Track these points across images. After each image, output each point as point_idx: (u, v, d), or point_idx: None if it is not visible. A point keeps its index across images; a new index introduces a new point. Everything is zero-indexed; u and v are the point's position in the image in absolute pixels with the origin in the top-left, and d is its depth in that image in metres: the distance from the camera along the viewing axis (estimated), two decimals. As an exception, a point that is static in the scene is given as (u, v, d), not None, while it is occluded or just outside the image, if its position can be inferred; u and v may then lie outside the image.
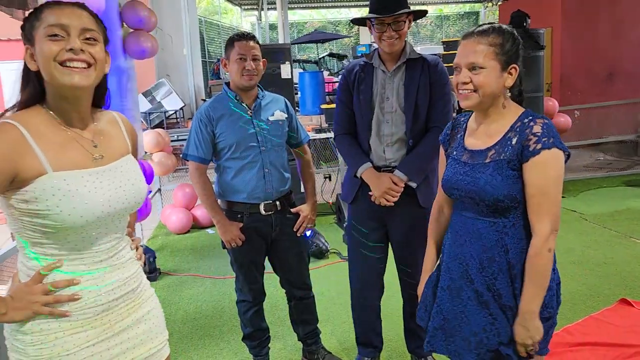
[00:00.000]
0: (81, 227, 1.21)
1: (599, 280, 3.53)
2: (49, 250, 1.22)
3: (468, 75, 1.50)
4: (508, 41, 1.51)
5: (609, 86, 8.97)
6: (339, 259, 4.25)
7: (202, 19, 15.35)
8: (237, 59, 2.25)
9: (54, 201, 1.16)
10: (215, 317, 3.34)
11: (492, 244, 1.53)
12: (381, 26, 2.16)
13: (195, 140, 2.31)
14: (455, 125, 1.73)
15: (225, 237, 2.33)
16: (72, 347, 1.24)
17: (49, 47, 1.16)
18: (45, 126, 1.20)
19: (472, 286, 1.57)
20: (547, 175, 1.44)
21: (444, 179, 1.65)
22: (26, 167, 1.14)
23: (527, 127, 1.48)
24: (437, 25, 24.34)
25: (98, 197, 1.22)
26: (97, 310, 1.27)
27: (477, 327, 1.56)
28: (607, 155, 7.88)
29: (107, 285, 1.28)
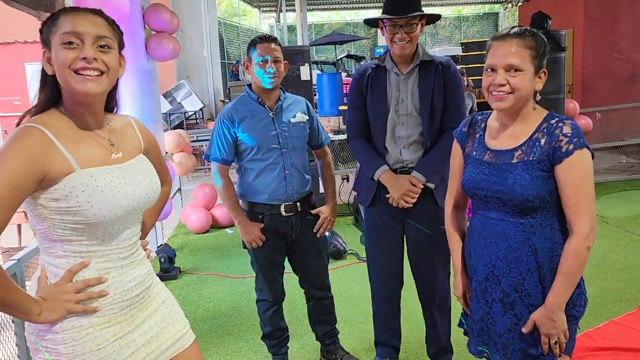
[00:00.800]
0: (110, 222, 1.26)
1: (621, 284, 3.48)
2: (77, 247, 1.26)
3: (505, 77, 1.49)
4: (541, 45, 1.52)
5: (631, 88, 8.83)
6: (357, 259, 4.27)
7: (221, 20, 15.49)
8: (259, 60, 2.28)
9: (85, 197, 1.20)
10: (235, 315, 3.38)
11: (519, 244, 1.53)
12: (393, 28, 2.16)
13: (217, 142, 2.35)
14: (473, 123, 1.72)
15: (246, 237, 2.36)
16: (102, 341, 1.28)
17: (64, 54, 1.20)
18: (65, 127, 1.25)
19: (499, 287, 1.57)
20: (582, 174, 1.46)
21: (465, 179, 1.64)
22: (55, 166, 1.18)
23: (557, 127, 1.49)
24: (455, 27, 24.17)
25: (124, 192, 1.28)
26: (123, 305, 1.32)
27: (502, 327, 1.58)
28: (629, 158, 7.76)
29: (130, 281, 1.34)
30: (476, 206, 1.67)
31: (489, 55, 1.55)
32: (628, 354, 2.58)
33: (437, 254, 2.38)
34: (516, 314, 1.56)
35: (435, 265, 2.39)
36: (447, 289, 2.45)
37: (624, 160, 7.72)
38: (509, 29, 1.55)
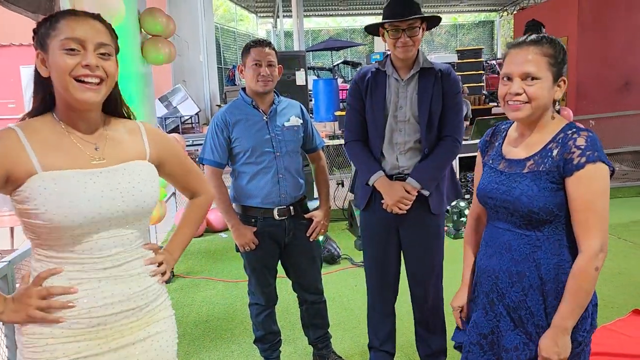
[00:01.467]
0: (69, 228, 1.19)
1: (613, 290, 3.50)
2: (47, 251, 1.23)
3: (521, 85, 1.43)
4: (560, 52, 1.45)
5: (624, 96, 8.90)
6: (351, 264, 4.27)
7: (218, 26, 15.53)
8: (253, 64, 2.29)
9: (41, 200, 1.17)
10: (227, 319, 3.38)
11: (522, 257, 1.48)
12: (396, 32, 2.17)
13: (211, 145, 2.35)
14: (496, 132, 1.68)
15: (239, 241, 2.37)
16: (60, 355, 1.22)
17: (65, 60, 1.17)
18: (49, 132, 1.23)
19: (504, 301, 1.52)
20: (593, 190, 1.38)
21: (479, 187, 1.60)
22: (18, 167, 1.18)
23: (570, 139, 1.41)
24: (451, 34, 24.32)
25: (87, 198, 1.20)
26: (91, 322, 1.23)
27: (509, 343, 1.51)
28: (622, 166, 7.81)
29: (107, 297, 1.24)
30: (488, 216, 1.63)
31: (505, 63, 1.49)
32: (619, 359, 2.59)
33: (431, 260, 2.39)
34: (526, 331, 1.49)
35: (428, 271, 2.40)
36: (441, 295, 2.46)
37: (618, 168, 7.77)
38: (526, 36, 1.48)
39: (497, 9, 22.43)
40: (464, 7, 21.90)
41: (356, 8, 20.53)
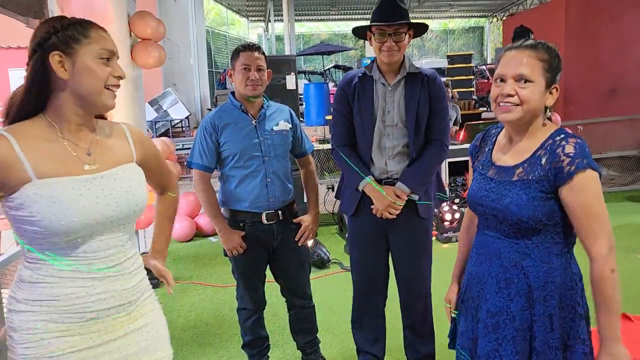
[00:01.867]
0: (65, 234, 1.22)
1: (600, 295, 3.52)
2: (40, 255, 1.26)
3: (514, 87, 1.42)
4: (555, 59, 1.45)
5: (611, 102, 9.00)
6: (340, 269, 4.27)
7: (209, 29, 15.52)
8: (242, 69, 2.30)
9: (36, 208, 1.19)
10: (216, 325, 3.36)
11: (511, 264, 1.48)
12: (381, 36, 2.18)
13: (199, 149, 2.35)
14: (485, 137, 1.67)
15: (227, 245, 2.36)
16: (55, 349, 1.25)
17: (102, 69, 1.26)
18: (41, 136, 1.24)
19: (486, 306, 1.53)
20: (588, 196, 1.38)
21: (469, 194, 1.61)
22: (12, 176, 1.19)
23: (559, 146, 1.41)
24: (442, 39, 24.49)
25: (82, 204, 1.24)
26: (85, 317, 1.27)
27: (481, 350, 1.52)
28: (610, 171, 7.89)
29: (100, 293, 1.28)
30: (479, 222, 1.63)
31: (499, 65, 1.47)
32: (605, 363, 2.60)
33: (420, 264, 2.40)
34: (497, 337, 1.49)
35: (417, 275, 2.41)
36: (429, 300, 2.47)
37: (605, 173, 7.85)
38: (522, 40, 1.48)
39: (486, 15, 22.63)
40: (454, 13, 22.07)
41: (347, 13, 20.62)
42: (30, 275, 1.26)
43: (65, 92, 1.25)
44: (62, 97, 1.25)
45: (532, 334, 1.45)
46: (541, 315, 1.44)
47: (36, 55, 1.24)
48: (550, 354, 1.43)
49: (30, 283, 1.26)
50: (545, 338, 1.44)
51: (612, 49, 9.03)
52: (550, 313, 1.44)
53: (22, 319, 1.25)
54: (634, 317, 3.07)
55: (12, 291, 1.28)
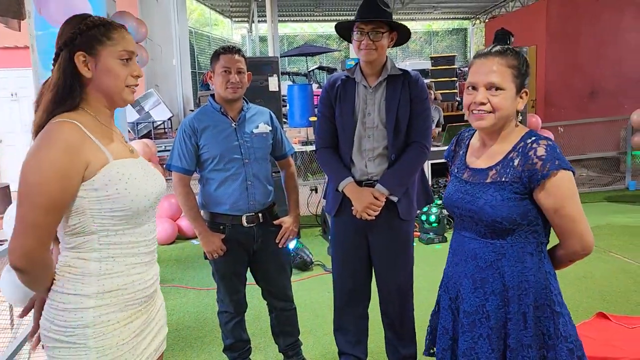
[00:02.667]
0: (143, 210, 1.36)
1: (578, 294, 3.58)
2: (112, 238, 1.33)
3: (486, 95, 1.46)
4: (523, 65, 1.49)
5: (591, 103, 9.16)
6: (323, 271, 4.27)
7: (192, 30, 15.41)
8: (222, 71, 2.28)
9: (122, 185, 1.31)
10: (197, 328, 3.34)
11: (487, 264, 1.50)
12: (360, 35, 2.20)
13: (179, 151, 2.33)
14: (459, 140, 1.71)
15: (207, 248, 2.34)
16: (125, 336, 1.34)
17: (122, 70, 1.35)
18: (93, 124, 1.34)
19: (463, 306, 1.55)
20: (560, 196, 1.42)
21: (446, 196, 1.64)
22: (94, 157, 1.28)
23: (530, 149, 1.44)
24: (426, 41, 24.65)
25: (149, 182, 1.39)
26: (142, 301, 1.39)
27: (460, 349, 1.55)
28: (589, 172, 8.01)
29: (150, 278, 1.42)
30: (455, 225, 1.66)
31: (470, 73, 1.51)
32: (583, 362, 2.64)
33: (400, 265, 2.40)
34: (473, 336, 1.52)
35: (397, 276, 2.41)
36: (410, 301, 2.48)
37: (585, 174, 7.98)
38: (491, 47, 1.52)
39: (469, 17, 22.82)
40: (437, 15, 22.22)
41: (331, 14, 20.62)
42: (99, 268, 1.31)
43: (92, 89, 1.35)
44: (92, 93, 1.36)
45: (507, 332, 1.48)
46: (515, 314, 1.47)
47: (63, 53, 1.33)
48: (523, 351, 1.46)
49: (99, 276, 1.31)
50: (518, 336, 1.47)
51: (591, 51, 9.19)
52: (524, 311, 1.47)
53: (97, 314, 1.30)
54: (611, 316, 3.12)
55: (73, 289, 1.30)
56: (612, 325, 3.04)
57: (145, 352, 1.40)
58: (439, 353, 1.65)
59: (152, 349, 1.44)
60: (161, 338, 1.51)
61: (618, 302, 3.42)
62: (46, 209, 1.21)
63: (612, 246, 4.58)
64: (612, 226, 5.22)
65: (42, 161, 1.21)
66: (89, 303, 1.29)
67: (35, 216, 1.21)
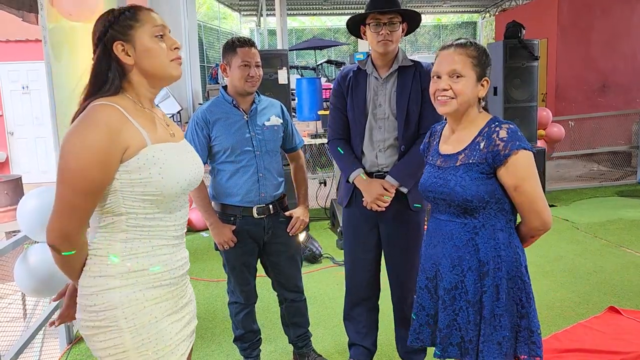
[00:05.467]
0: (174, 195, 1.35)
1: (589, 288, 3.56)
2: (141, 221, 1.33)
3: (448, 82, 1.61)
4: (482, 55, 1.64)
5: (602, 97, 9.07)
6: (332, 263, 4.28)
7: (201, 24, 15.42)
8: (241, 65, 2.28)
9: (156, 169, 1.30)
10: (208, 319, 3.36)
11: (462, 243, 1.64)
12: (376, 26, 2.20)
13: (190, 143, 2.33)
14: (432, 133, 1.86)
15: (217, 239, 2.36)
16: (158, 314, 1.35)
17: (160, 46, 1.35)
18: (132, 108, 1.34)
19: (442, 283, 1.67)
20: (520, 176, 1.56)
21: (420, 182, 1.77)
22: (133, 140, 1.28)
23: (493, 132, 1.60)
24: (435, 35, 24.49)
25: (184, 167, 1.38)
26: (171, 282, 1.39)
27: (442, 323, 1.67)
28: (600, 166, 7.95)
29: (179, 260, 1.42)
30: (431, 209, 1.78)
31: (435, 64, 1.67)
32: (593, 355, 2.64)
33: (410, 256, 2.41)
34: (454, 309, 1.64)
35: (407, 267, 2.42)
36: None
37: (595, 168, 7.91)
38: (454, 40, 1.68)
39: (479, 11, 22.63)
40: (447, 8, 22.05)
41: (340, 8, 20.54)
42: (123, 247, 1.31)
43: (135, 74, 1.35)
44: (134, 78, 1.36)
45: (482, 304, 1.62)
46: (490, 287, 1.61)
47: (99, 50, 1.34)
48: (495, 321, 1.60)
49: (123, 256, 1.31)
50: (491, 307, 1.61)
51: (603, 44, 9.09)
52: (497, 284, 1.61)
53: (123, 294, 1.30)
54: (622, 311, 3.11)
55: (98, 271, 1.31)
56: (623, 319, 3.03)
57: (179, 335, 1.40)
58: (416, 328, 1.77)
59: (185, 334, 1.43)
60: (192, 327, 1.50)
61: (629, 297, 3.40)
62: (86, 192, 1.23)
63: (624, 241, 4.55)
64: (624, 221, 5.18)
65: (83, 144, 1.22)
66: (114, 283, 1.30)
67: (75, 199, 1.23)
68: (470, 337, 1.62)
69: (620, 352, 2.66)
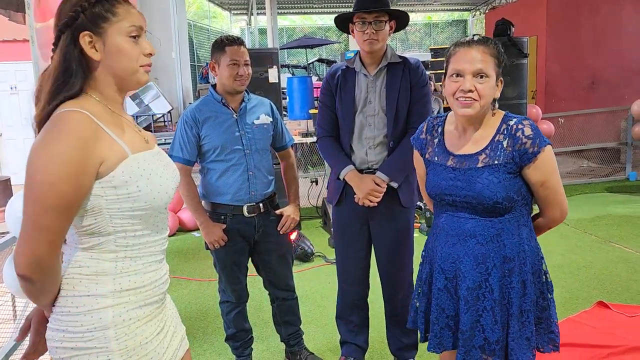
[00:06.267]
0: (162, 207, 1.26)
1: (579, 283, 3.59)
2: (130, 240, 1.22)
3: (473, 83, 1.50)
4: (502, 55, 1.56)
5: (591, 94, 9.14)
6: (324, 262, 4.28)
7: (191, 22, 15.35)
8: (230, 63, 2.27)
9: (143, 181, 1.19)
10: (200, 318, 3.36)
11: (487, 240, 1.57)
12: (363, 25, 2.21)
13: (180, 142, 2.33)
14: (429, 128, 1.74)
15: (208, 238, 2.35)
16: (148, 334, 1.26)
17: (133, 48, 1.21)
18: (102, 112, 1.20)
19: (465, 283, 1.59)
20: (547, 171, 1.55)
21: (431, 186, 1.66)
22: (109, 152, 1.15)
23: (517, 130, 1.53)
24: (425, 33, 24.55)
25: (166, 176, 1.27)
26: (158, 299, 1.31)
27: (465, 325, 1.59)
28: (589, 162, 8.01)
29: (162, 276, 1.33)
30: (443, 208, 1.67)
31: (454, 61, 1.54)
32: (583, 349, 2.66)
33: (401, 252, 2.42)
34: (477, 309, 1.57)
35: (398, 264, 2.42)
36: (411, 288, 2.49)
37: (585, 165, 7.97)
38: (472, 36, 1.57)
39: (469, 9, 22.71)
40: (437, 7, 22.10)
41: (331, 6, 20.53)
42: (114, 266, 1.21)
43: (101, 72, 1.21)
44: (100, 76, 1.22)
45: (510, 301, 1.57)
46: (517, 283, 1.56)
47: (65, 36, 1.18)
48: (523, 317, 1.57)
49: (115, 275, 1.20)
50: (519, 303, 1.57)
51: (591, 42, 9.16)
52: (523, 279, 1.57)
53: (116, 313, 1.19)
54: (611, 305, 3.14)
55: (86, 290, 1.19)
56: (612, 314, 3.06)
57: (168, 351, 1.32)
58: (437, 332, 1.66)
59: (173, 347, 1.36)
60: (180, 336, 1.42)
61: (618, 291, 3.44)
62: (58, 210, 1.08)
63: (613, 236, 4.59)
64: (613, 216, 5.23)
65: (52, 158, 1.07)
66: (106, 302, 1.19)
67: (46, 219, 1.08)
68: (497, 338, 1.56)
69: (609, 346, 2.68)
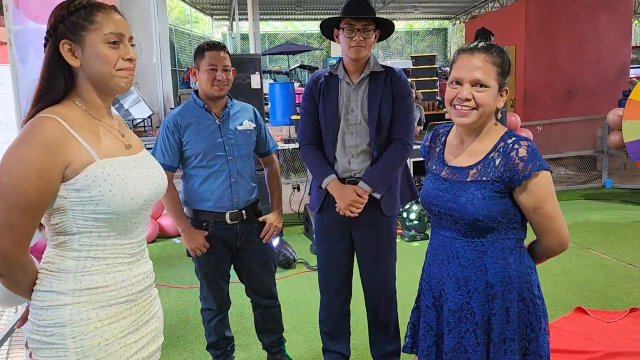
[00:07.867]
0: (130, 212, 1.27)
1: (557, 289, 3.64)
2: (95, 240, 1.25)
3: (470, 91, 1.46)
4: (506, 63, 1.49)
5: (569, 103, 9.32)
6: (306, 268, 4.27)
7: (172, 27, 15.27)
8: (208, 69, 2.26)
9: (107, 186, 1.22)
10: (180, 326, 3.31)
11: (469, 263, 1.51)
12: (350, 32, 2.20)
13: (162, 148, 2.31)
14: (434, 137, 1.71)
15: (189, 245, 2.33)
16: (110, 336, 1.26)
17: (110, 54, 1.25)
18: (80, 118, 1.25)
19: (447, 304, 1.56)
20: (540, 196, 1.45)
21: (423, 193, 1.63)
22: (75, 157, 1.19)
23: (512, 149, 1.46)
24: (407, 40, 24.80)
25: (142, 182, 1.29)
26: (129, 299, 1.30)
27: (447, 346, 1.56)
28: (567, 170, 8.15)
29: (136, 275, 1.33)
30: (433, 223, 1.65)
31: (455, 68, 1.50)
32: (562, 355, 2.69)
33: (384, 262, 2.41)
34: (460, 331, 1.53)
35: (381, 272, 2.42)
36: (394, 297, 2.49)
37: (562, 172, 8.11)
38: (477, 42, 1.50)
39: (450, 17, 23.04)
40: (418, 15, 22.38)
41: (313, 13, 20.61)
42: (76, 265, 1.24)
43: (82, 78, 1.27)
44: (82, 82, 1.28)
45: (491, 327, 1.51)
46: (499, 309, 1.49)
47: (49, 43, 1.26)
48: (505, 344, 1.49)
49: (76, 273, 1.24)
50: (501, 330, 1.49)
51: (569, 51, 9.35)
52: (507, 306, 1.49)
53: (74, 312, 1.22)
54: (589, 311, 3.18)
55: (49, 285, 1.24)
56: (591, 319, 3.11)
57: (137, 357, 1.31)
58: (424, 350, 1.64)
59: (145, 354, 1.35)
60: (154, 347, 1.40)
61: (596, 297, 3.49)
62: (22, 210, 1.15)
63: (590, 243, 4.67)
64: (590, 223, 5.32)
65: (19, 160, 1.15)
66: (65, 300, 1.22)
67: (10, 217, 1.15)
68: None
69: (588, 351, 2.72)
